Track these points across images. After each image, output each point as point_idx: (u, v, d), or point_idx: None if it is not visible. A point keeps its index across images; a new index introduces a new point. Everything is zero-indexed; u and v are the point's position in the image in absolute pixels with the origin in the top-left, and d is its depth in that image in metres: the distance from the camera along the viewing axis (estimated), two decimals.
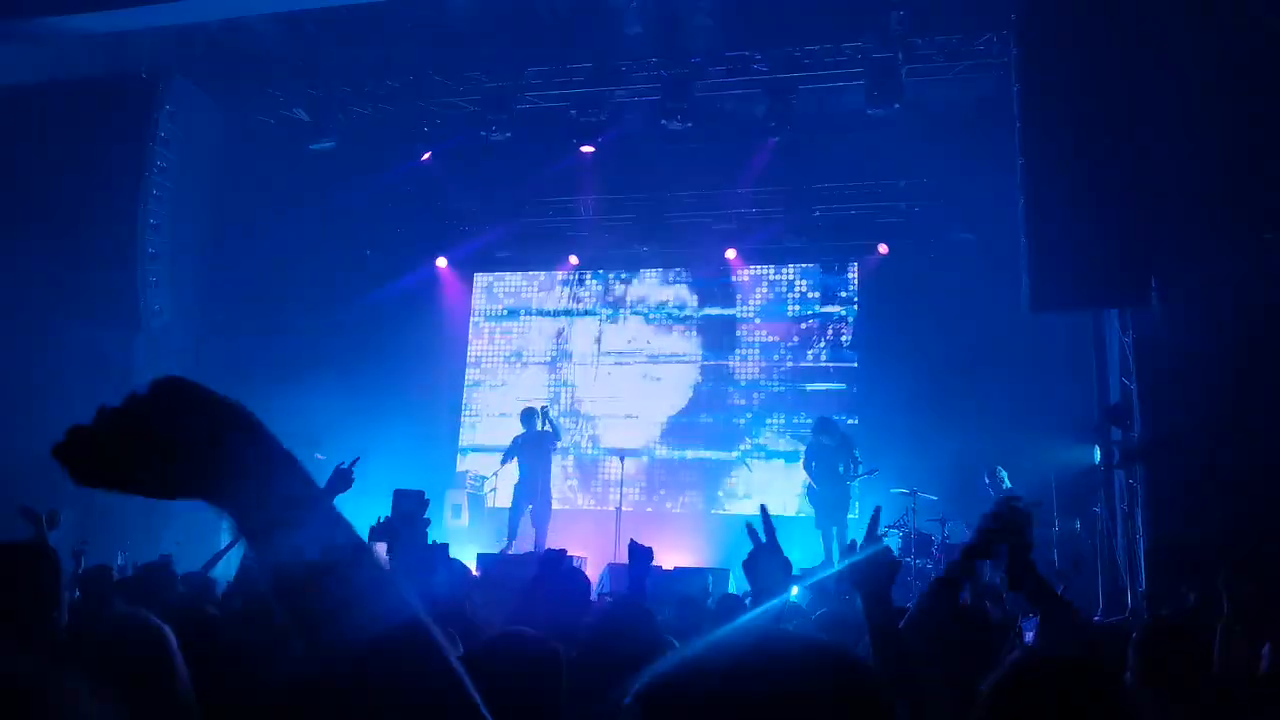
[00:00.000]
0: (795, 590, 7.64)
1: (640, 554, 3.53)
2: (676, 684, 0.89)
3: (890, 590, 2.43)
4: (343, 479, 3.76)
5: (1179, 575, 7.41)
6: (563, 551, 4.00)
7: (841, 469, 10.31)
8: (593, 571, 9.93)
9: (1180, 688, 2.98)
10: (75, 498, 4.40)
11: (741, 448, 12.63)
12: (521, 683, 1.98)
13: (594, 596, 6.61)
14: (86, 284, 10.42)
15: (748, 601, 3.13)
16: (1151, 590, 7.86)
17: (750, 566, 2.51)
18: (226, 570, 6.12)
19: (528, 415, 11.01)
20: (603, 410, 13.23)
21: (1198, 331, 7.86)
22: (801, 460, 10.65)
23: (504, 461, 11.09)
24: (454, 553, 5.89)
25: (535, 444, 10.78)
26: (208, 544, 9.06)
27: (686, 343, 13.20)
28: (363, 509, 3.78)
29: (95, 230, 10.56)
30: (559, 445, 10.98)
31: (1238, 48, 7.98)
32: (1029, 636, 5.00)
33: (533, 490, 10.65)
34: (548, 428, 10.94)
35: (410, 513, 3.25)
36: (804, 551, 9.98)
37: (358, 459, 3.86)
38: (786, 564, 2.46)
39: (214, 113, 11.92)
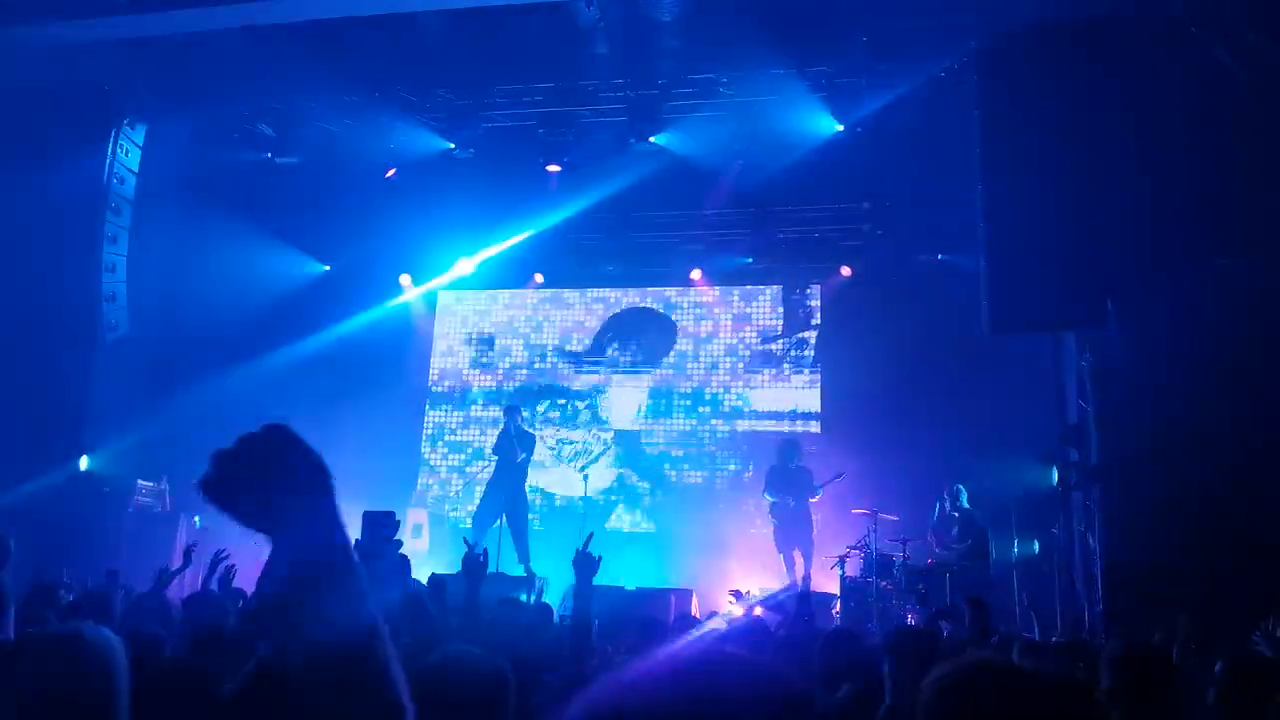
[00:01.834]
0: (760, 610, 7.65)
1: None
2: (617, 709, 0.89)
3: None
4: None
5: (1135, 595, 7.51)
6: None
7: (803, 487, 10.38)
8: (554, 593, 9.89)
9: (1147, 704, 3.06)
10: (21, 517, 4.34)
11: (701, 462, 12.65)
12: (468, 702, 1.96)
13: (556, 619, 6.59)
14: (42, 297, 10.24)
15: None
16: (1109, 610, 7.94)
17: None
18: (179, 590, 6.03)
19: (509, 412, 10.93)
20: (565, 428, 13.19)
21: (1153, 355, 7.99)
22: (764, 484, 10.70)
23: (493, 452, 11.05)
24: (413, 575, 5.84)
25: (511, 444, 10.68)
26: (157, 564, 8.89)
27: (650, 361, 13.21)
28: None
29: (53, 244, 10.39)
30: (521, 457, 10.83)
31: (1193, 76, 8.17)
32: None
33: (505, 496, 10.48)
34: (527, 428, 10.90)
35: (381, 536, 3.14)
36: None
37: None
38: None
39: (177, 126, 11.77)
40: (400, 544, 3.04)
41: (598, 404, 13.20)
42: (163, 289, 11.92)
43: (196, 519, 11.55)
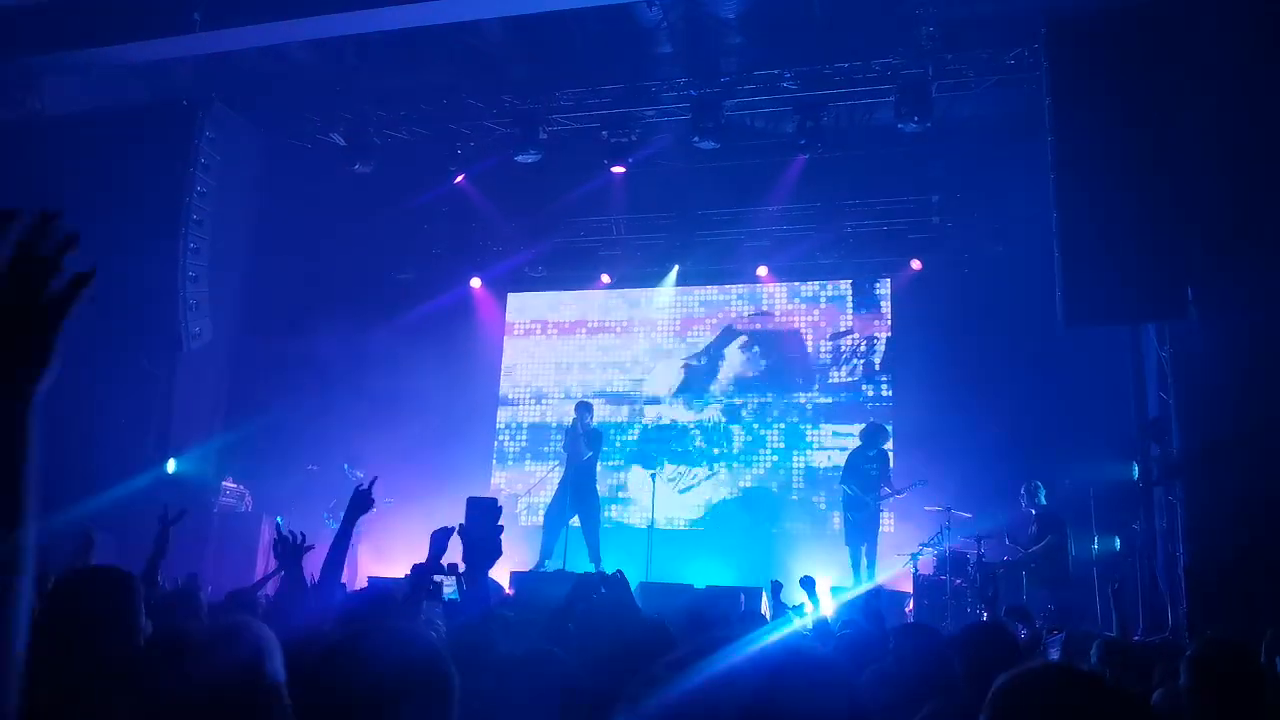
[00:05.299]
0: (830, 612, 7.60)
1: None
2: (690, 707, 0.91)
3: None
4: (362, 500, 3.70)
5: (1219, 593, 7.28)
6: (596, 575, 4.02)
7: (880, 484, 10.26)
8: None
9: (1233, 704, 2.98)
10: (113, 520, 4.53)
11: (773, 460, 12.60)
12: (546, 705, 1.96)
13: None
14: (128, 307, 10.62)
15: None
16: (1192, 608, 7.72)
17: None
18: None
19: (579, 409, 10.94)
20: (629, 426, 13.25)
21: (1236, 345, 7.74)
22: (843, 471, 10.57)
23: (563, 449, 11.10)
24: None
25: (581, 442, 10.72)
26: (243, 566, 9.20)
27: (718, 359, 13.19)
28: (399, 527, 3.87)
29: (137, 254, 10.77)
30: (587, 455, 10.84)
31: (1271, 57, 7.88)
32: (1054, 654, 4.97)
33: (573, 494, 10.53)
34: (595, 425, 10.92)
35: (487, 524, 3.13)
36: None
37: (375, 478, 3.80)
38: None
39: (253, 138, 12.15)
40: (502, 529, 3.06)
41: (664, 400, 13.23)
42: (242, 295, 12.30)
43: (279, 519, 11.89)
